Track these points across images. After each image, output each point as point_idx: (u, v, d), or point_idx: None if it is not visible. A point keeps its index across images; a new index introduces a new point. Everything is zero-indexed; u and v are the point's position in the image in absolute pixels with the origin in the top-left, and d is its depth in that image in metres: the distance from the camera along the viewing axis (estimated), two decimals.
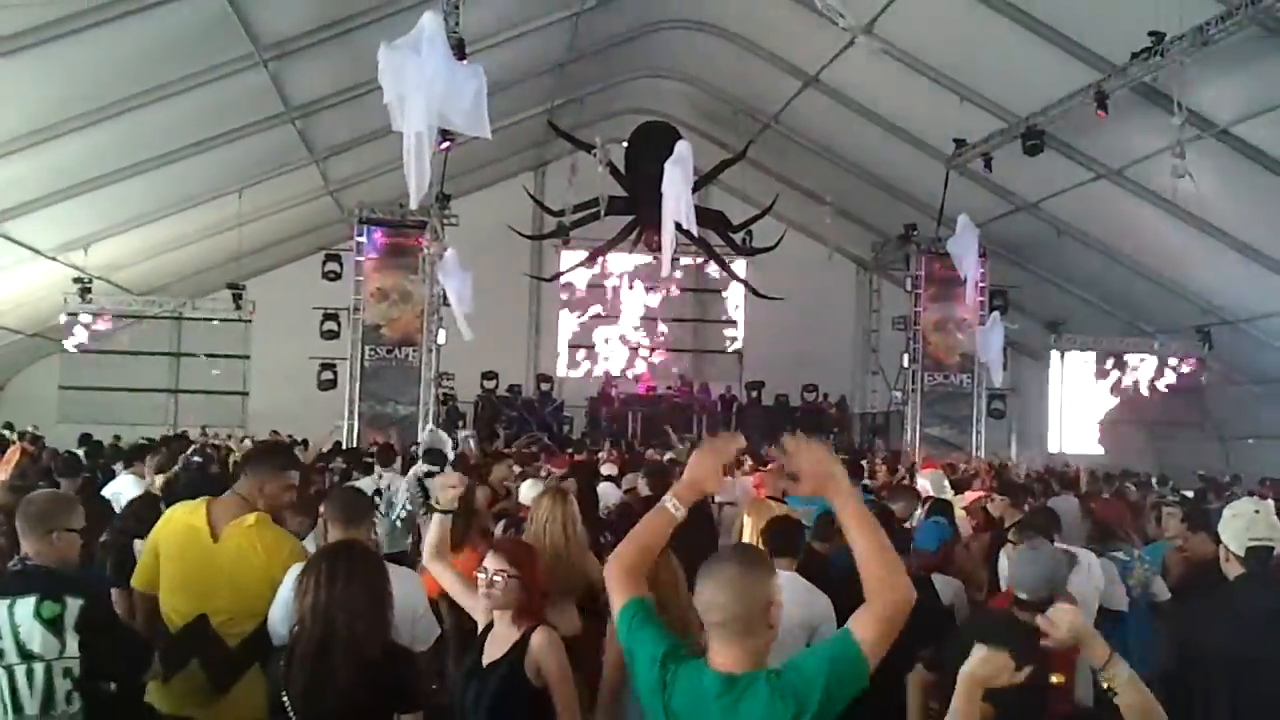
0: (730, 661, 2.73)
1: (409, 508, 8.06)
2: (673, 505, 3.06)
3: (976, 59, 15.19)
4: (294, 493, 4.97)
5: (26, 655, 3.78)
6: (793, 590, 4.98)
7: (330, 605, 3.51)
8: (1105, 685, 3.01)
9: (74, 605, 3.86)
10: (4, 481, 7.19)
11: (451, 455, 10.22)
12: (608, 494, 9.60)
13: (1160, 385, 21.26)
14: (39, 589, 3.85)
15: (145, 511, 6.08)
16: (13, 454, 7.42)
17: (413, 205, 8.53)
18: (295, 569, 4.25)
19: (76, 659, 3.83)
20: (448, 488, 4.50)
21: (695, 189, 14.56)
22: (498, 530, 6.89)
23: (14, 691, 3.77)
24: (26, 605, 3.81)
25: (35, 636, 3.79)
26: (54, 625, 3.81)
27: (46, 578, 3.95)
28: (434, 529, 4.47)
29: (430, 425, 11.85)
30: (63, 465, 8.22)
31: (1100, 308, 21.40)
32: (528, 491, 7.12)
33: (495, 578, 3.97)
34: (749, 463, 12.86)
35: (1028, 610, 4.36)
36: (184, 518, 4.61)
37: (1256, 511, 4.22)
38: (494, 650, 3.97)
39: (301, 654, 3.51)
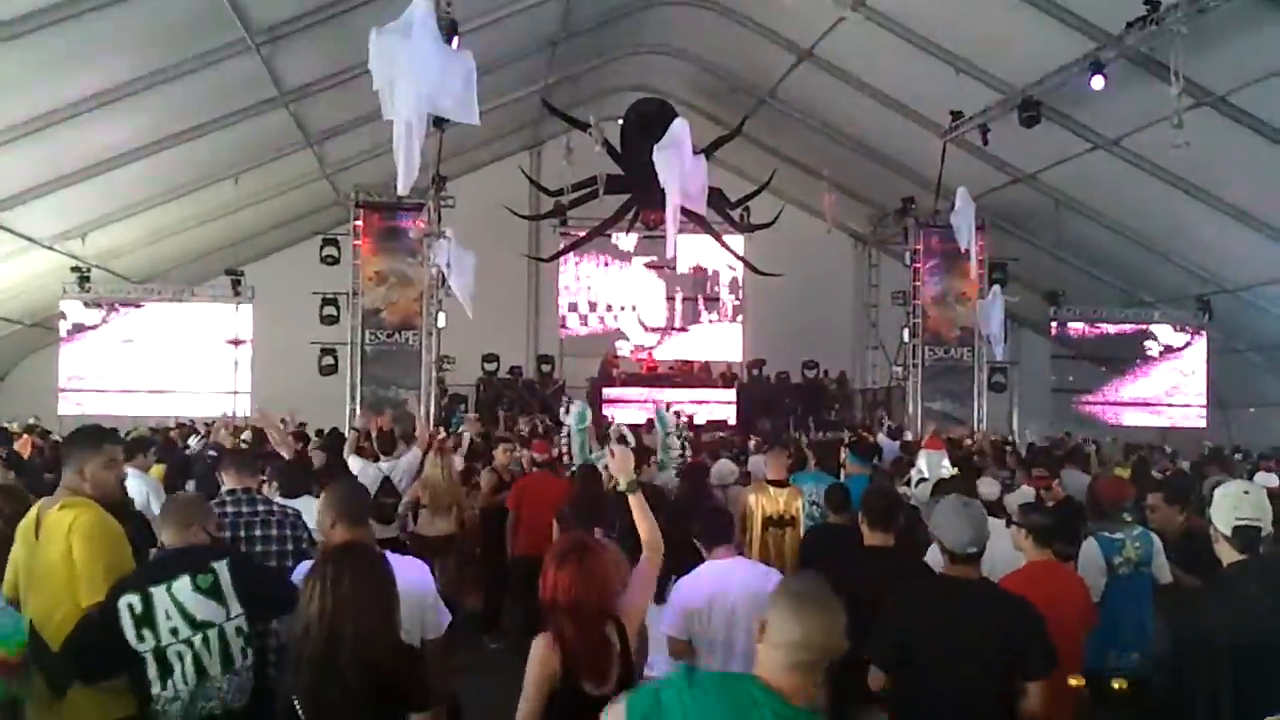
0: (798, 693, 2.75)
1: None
2: None
3: (972, 30, 15.09)
4: (119, 468, 4.99)
5: (199, 625, 4.20)
6: (749, 573, 5.24)
7: (336, 609, 3.51)
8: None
9: (222, 569, 4.30)
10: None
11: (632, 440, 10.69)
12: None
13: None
14: (186, 567, 4.27)
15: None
16: (23, 447, 7.45)
17: (401, 191, 8.50)
18: (303, 568, 4.28)
19: (242, 615, 4.29)
20: (622, 470, 4.52)
21: None
22: None
23: (196, 659, 4.18)
24: (183, 583, 4.22)
25: (200, 607, 4.21)
26: (214, 592, 4.25)
27: (188, 556, 4.38)
28: (638, 513, 4.38)
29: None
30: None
31: (1100, 278, 21.37)
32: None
33: None
34: (754, 442, 12.88)
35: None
36: (24, 523, 4.63)
37: (1246, 492, 4.25)
38: None
39: (309, 658, 3.51)
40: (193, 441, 13.57)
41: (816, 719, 2.73)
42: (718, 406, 22.44)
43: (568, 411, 10.31)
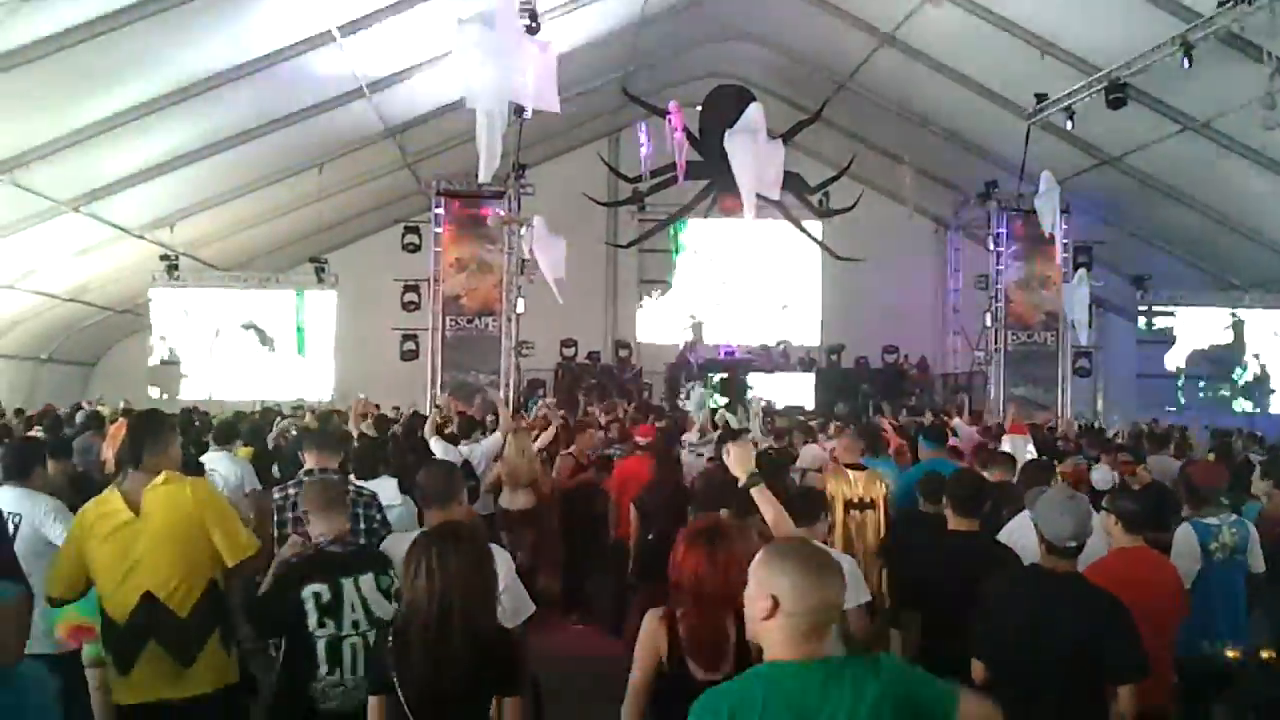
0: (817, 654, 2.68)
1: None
2: None
3: (1057, 11, 14.86)
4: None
5: (376, 623, 4.41)
6: None
7: (445, 588, 3.56)
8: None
9: (392, 577, 4.54)
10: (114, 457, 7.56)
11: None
12: (691, 464, 9.56)
13: None
14: (373, 566, 4.59)
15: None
16: (118, 429, 7.65)
17: (482, 179, 8.64)
18: (401, 540, 4.35)
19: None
20: (739, 465, 4.44)
21: None
22: None
23: (367, 652, 4.35)
24: (368, 579, 4.51)
25: (382, 605, 4.48)
26: (389, 595, 4.50)
27: (372, 555, 4.75)
28: (763, 505, 4.31)
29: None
30: None
31: (1188, 262, 20.94)
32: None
33: None
34: (832, 427, 12.76)
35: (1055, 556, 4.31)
36: (97, 509, 4.63)
37: None
38: None
39: (419, 638, 3.56)
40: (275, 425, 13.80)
41: (853, 659, 2.72)
42: (795, 391, 22.28)
43: (688, 397, 10.53)
